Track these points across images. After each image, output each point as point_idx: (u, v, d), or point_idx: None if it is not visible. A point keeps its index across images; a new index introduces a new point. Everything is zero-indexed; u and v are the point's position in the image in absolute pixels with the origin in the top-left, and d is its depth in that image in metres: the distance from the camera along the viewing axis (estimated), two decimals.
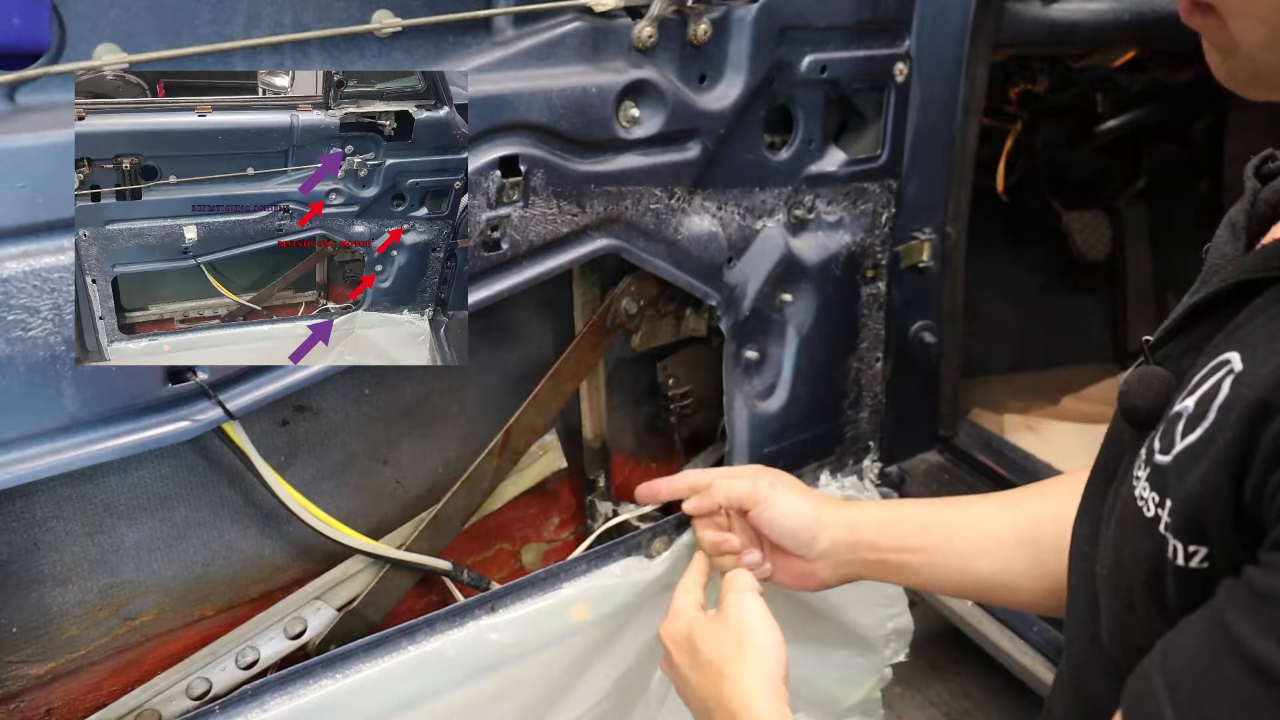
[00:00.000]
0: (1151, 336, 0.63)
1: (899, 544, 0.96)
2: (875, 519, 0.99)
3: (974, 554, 0.92)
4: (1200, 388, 0.52)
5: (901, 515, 0.99)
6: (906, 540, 0.96)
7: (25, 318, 0.71)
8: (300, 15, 0.81)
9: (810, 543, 0.99)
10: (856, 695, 1.36)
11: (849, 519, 1.00)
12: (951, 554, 0.94)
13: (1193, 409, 0.52)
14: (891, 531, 0.97)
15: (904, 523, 0.97)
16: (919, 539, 0.95)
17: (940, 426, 1.54)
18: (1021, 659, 1.34)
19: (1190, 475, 0.50)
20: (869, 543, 0.98)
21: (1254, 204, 0.63)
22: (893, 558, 0.96)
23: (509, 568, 1.24)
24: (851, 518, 1.00)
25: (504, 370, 1.14)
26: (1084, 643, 0.64)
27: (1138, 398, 0.59)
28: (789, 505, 1.00)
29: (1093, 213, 2.25)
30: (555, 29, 0.93)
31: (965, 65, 1.31)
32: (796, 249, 1.21)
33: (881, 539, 0.97)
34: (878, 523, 0.98)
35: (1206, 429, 0.50)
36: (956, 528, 0.94)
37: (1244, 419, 0.47)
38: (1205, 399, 0.51)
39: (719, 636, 0.90)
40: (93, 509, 0.89)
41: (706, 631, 0.92)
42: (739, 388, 1.22)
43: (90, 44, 0.73)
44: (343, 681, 0.95)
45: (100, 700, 0.94)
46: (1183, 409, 0.53)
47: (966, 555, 0.93)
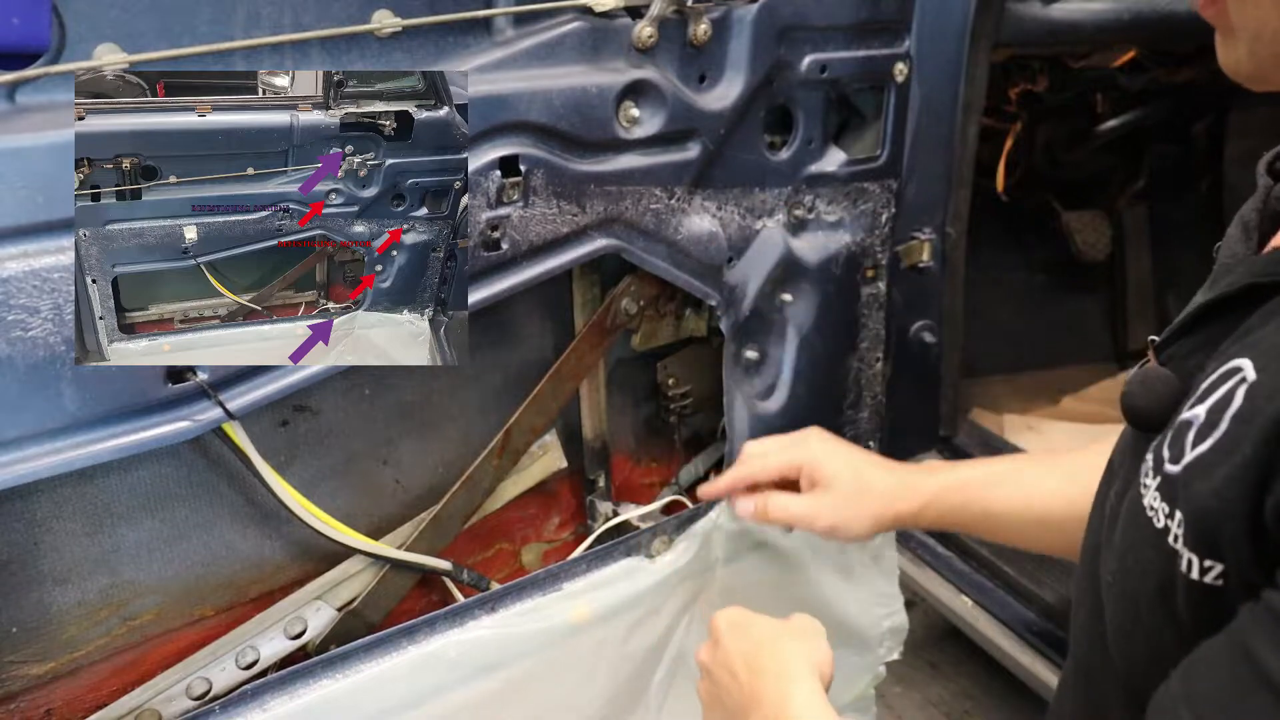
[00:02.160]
0: (1157, 337, 0.62)
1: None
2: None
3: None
4: (1211, 396, 0.51)
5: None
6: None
7: (25, 318, 0.71)
8: (300, 15, 0.81)
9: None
10: (851, 693, 1.36)
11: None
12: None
13: (1204, 418, 0.51)
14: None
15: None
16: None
17: (940, 426, 1.54)
18: (1021, 659, 1.34)
19: (1202, 487, 0.49)
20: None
21: (1266, 201, 0.62)
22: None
23: (509, 568, 1.24)
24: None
25: (504, 370, 1.14)
26: (1090, 644, 0.64)
27: (1140, 399, 0.58)
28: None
29: (1093, 213, 2.25)
30: (555, 29, 0.93)
31: (965, 65, 1.30)
32: (796, 249, 1.21)
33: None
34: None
35: (1218, 440, 0.49)
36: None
37: (1264, 435, 0.46)
38: (1217, 408, 0.50)
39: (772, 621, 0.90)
40: (93, 509, 0.89)
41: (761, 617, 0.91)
42: (739, 388, 1.22)
43: (90, 44, 0.73)
44: (343, 681, 0.95)
45: (100, 700, 0.93)
46: (1193, 417, 0.52)
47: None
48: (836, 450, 1.02)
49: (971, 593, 1.41)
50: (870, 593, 1.33)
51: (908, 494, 0.98)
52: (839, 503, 0.98)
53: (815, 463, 1.00)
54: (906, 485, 0.98)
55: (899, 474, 1.00)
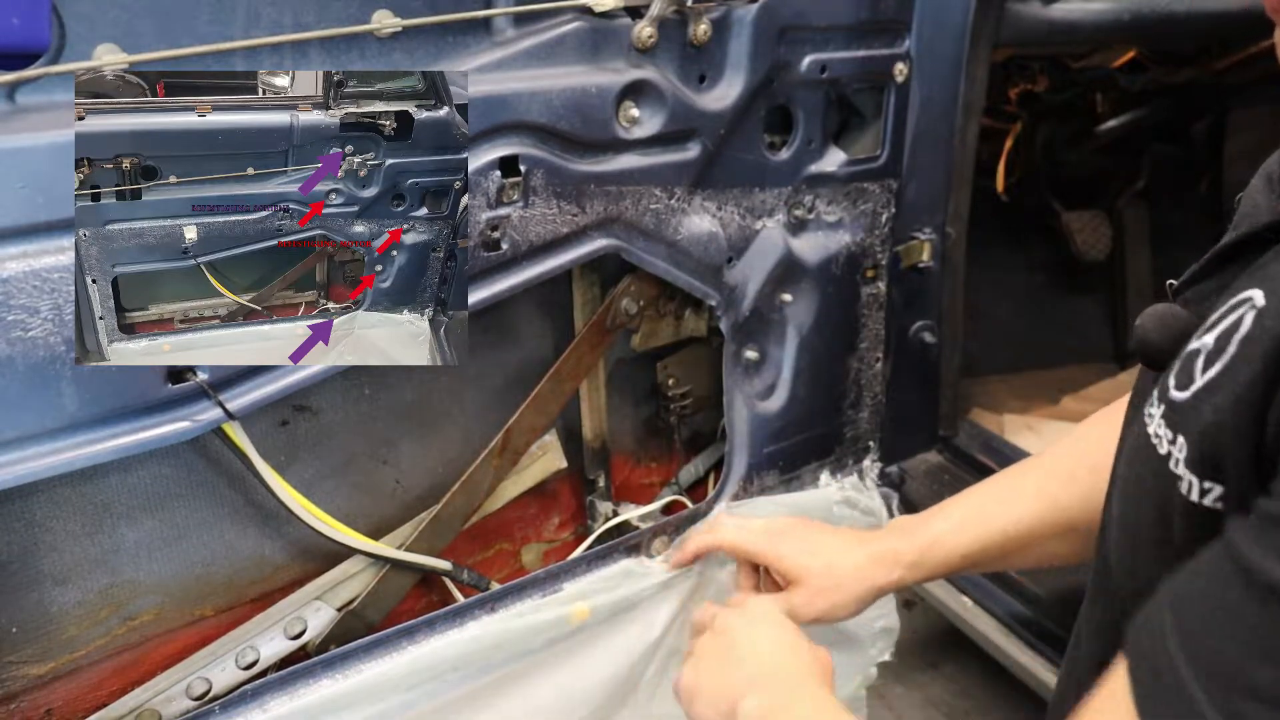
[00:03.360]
0: (1175, 281, 0.61)
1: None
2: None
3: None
4: (1220, 324, 0.51)
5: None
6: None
7: (25, 318, 0.71)
8: (300, 15, 0.81)
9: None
10: (842, 693, 1.36)
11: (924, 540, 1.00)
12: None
13: (1212, 345, 0.50)
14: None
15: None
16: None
17: (940, 426, 1.54)
18: (1021, 659, 1.34)
19: (1206, 409, 0.49)
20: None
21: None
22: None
23: (509, 568, 1.24)
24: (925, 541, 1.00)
25: (504, 370, 1.14)
26: (1095, 596, 0.64)
27: (1153, 333, 0.58)
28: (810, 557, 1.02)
29: (1093, 213, 2.26)
30: (555, 29, 0.93)
31: (965, 65, 1.30)
32: (796, 249, 1.21)
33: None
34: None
35: (1226, 363, 0.49)
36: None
37: (1269, 353, 0.46)
38: (1225, 334, 0.50)
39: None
40: (93, 509, 0.89)
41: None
42: (739, 388, 1.22)
43: (90, 44, 0.73)
44: (343, 682, 0.95)
45: (100, 700, 0.93)
46: (1201, 345, 0.52)
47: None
48: (804, 547, 1.03)
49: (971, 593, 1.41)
50: None
51: (884, 568, 0.99)
52: (814, 597, 1.00)
53: (782, 563, 1.02)
54: (880, 559, 0.99)
55: (870, 547, 1.01)
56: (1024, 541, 0.93)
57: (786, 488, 1.31)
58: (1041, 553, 0.94)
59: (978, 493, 0.99)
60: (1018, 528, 0.93)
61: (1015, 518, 0.93)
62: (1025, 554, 0.95)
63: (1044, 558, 0.96)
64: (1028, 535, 0.93)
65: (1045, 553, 0.94)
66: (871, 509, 1.36)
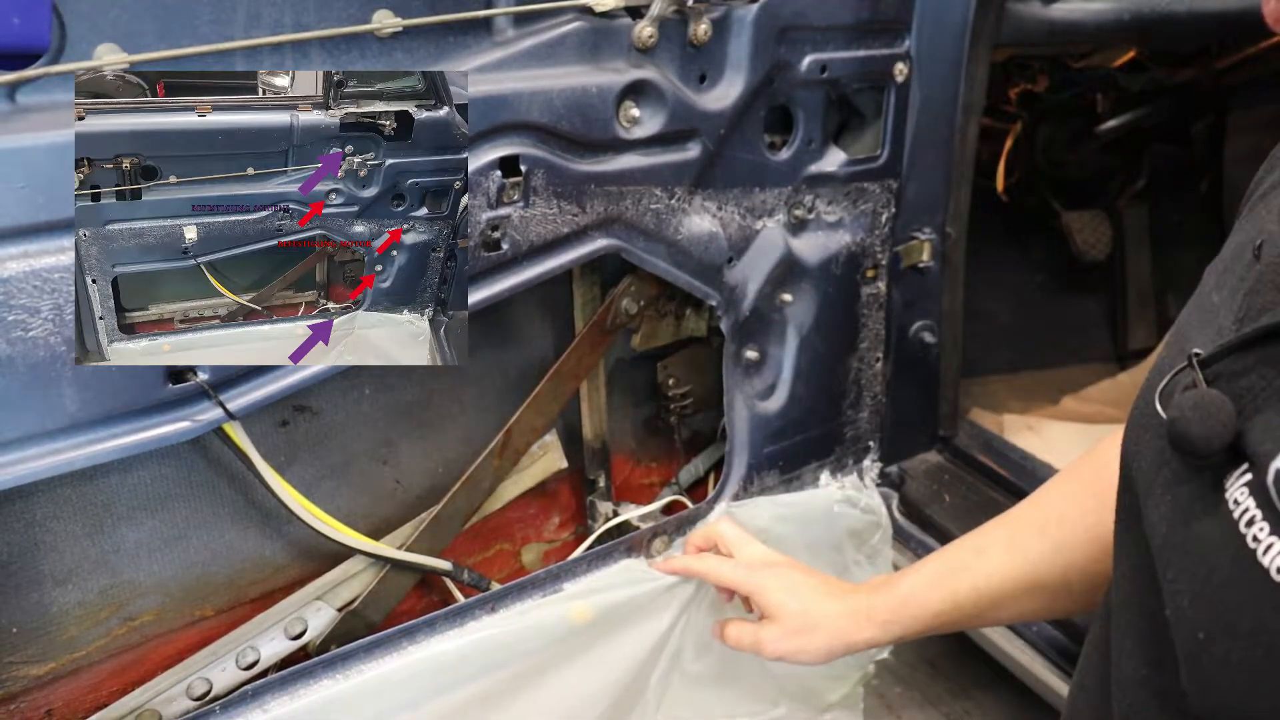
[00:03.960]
0: (1201, 351, 0.55)
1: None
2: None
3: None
4: None
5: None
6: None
7: (25, 318, 0.71)
8: (300, 15, 0.81)
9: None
10: (839, 691, 1.36)
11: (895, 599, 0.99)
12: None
13: None
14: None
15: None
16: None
17: (940, 426, 1.54)
18: (1021, 659, 1.34)
19: None
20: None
21: None
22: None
23: (509, 568, 1.24)
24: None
25: (504, 370, 1.14)
26: (1136, 688, 0.60)
27: (1195, 427, 0.52)
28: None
29: (1093, 213, 2.26)
30: (555, 29, 0.93)
31: (965, 65, 1.30)
32: (796, 249, 1.21)
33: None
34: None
35: None
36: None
37: None
38: None
39: None
40: (93, 509, 0.89)
41: None
42: (739, 388, 1.22)
43: (90, 44, 0.73)
44: (343, 682, 0.95)
45: (100, 701, 0.93)
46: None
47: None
48: (785, 585, 1.03)
49: None
50: None
51: (856, 623, 0.99)
52: (784, 636, 1.01)
53: (764, 596, 1.03)
54: (855, 614, 0.99)
55: (847, 601, 1.01)
56: (995, 599, 0.93)
57: (786, 488, 1.31)
58: (1014, 610, 0.94)
59: (951, 548, 0.99)
60: (989, 583, 0.93)
61: (986, 573, 0.93)
62: (997, 612, 0.94)
63: (1015, 615, 0.95)
64: (998, 592, 0.92)
65: (1016, 611, 0.94)
66: (871, 509, 1.36)
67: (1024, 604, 0.93)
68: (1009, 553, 0.92)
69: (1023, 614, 0.95)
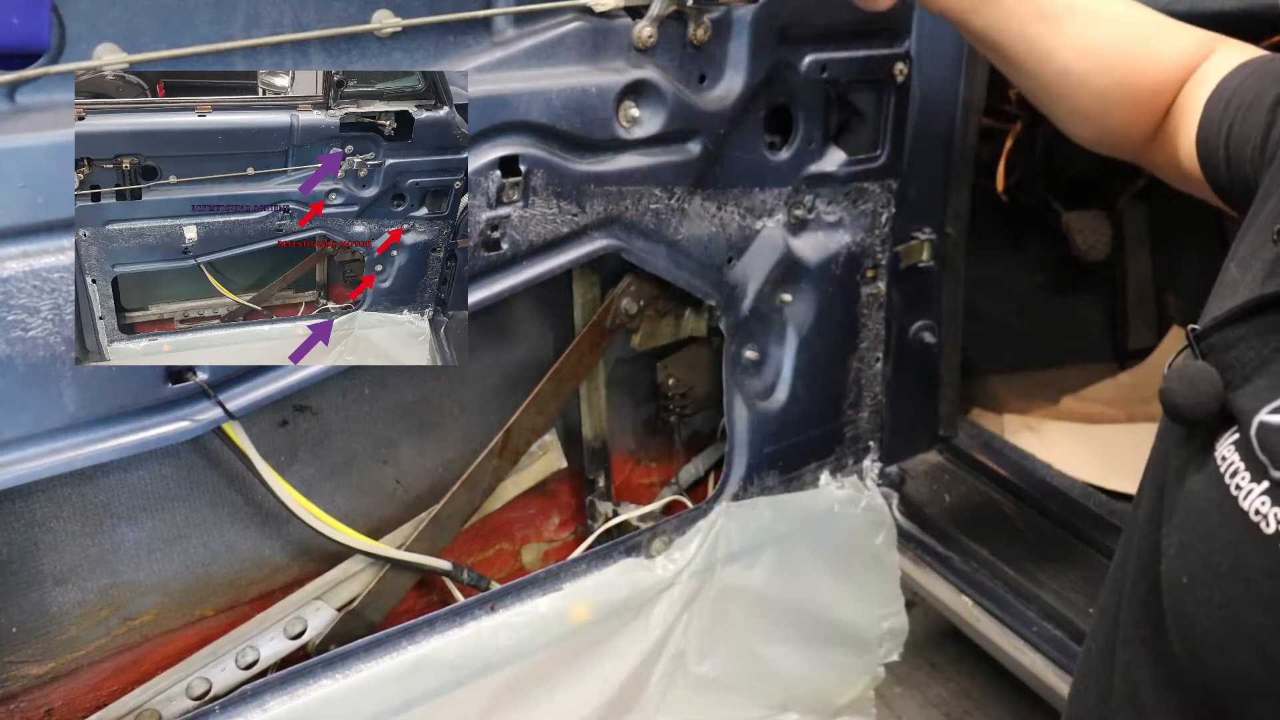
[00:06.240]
0: (1197, 326, 0.59)
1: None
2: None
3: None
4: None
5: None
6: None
7: (25, 318, 0.71)
8: (300, 15, 0.81)
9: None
10: (850, 694, 1.36)
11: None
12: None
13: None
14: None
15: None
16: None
17: (940, 426, 1.54)
18: (1021, 659, 1.34)
19: None
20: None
21: None
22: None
23: (509, 568, 1.24)
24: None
25: (504, 370, 1.14)
26: (1137, 646, 0.61)
27: (1181, 396, 0.55)
28: None
29: (1093, 213, 2.25)
30: (555, 29, 0.93)
31: (965, 65, 1.30)
32: (796, 249, 1.21)
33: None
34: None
35: None
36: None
37: None
38: None
39: None
40: (93, 509, 0.89)
41: None
42: (739, 388, 1.22)
43: (90, 44, 0.73)
44: (343, 681, 0.95)
45: (100, 700, 0.93)
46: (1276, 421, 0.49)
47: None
48: None
49: (971, 593, 1.40)
50: (870, 594, 1.33)
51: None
52: None
53: None
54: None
55: None
56: (1042, 56, 0.90)
57: (786, 488, 1.31)
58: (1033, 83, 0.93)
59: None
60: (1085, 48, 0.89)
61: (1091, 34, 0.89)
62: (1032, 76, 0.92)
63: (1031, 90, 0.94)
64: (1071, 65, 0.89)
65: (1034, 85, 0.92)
66: (874, 509, 1.36)
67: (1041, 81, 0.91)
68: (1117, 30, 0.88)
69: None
